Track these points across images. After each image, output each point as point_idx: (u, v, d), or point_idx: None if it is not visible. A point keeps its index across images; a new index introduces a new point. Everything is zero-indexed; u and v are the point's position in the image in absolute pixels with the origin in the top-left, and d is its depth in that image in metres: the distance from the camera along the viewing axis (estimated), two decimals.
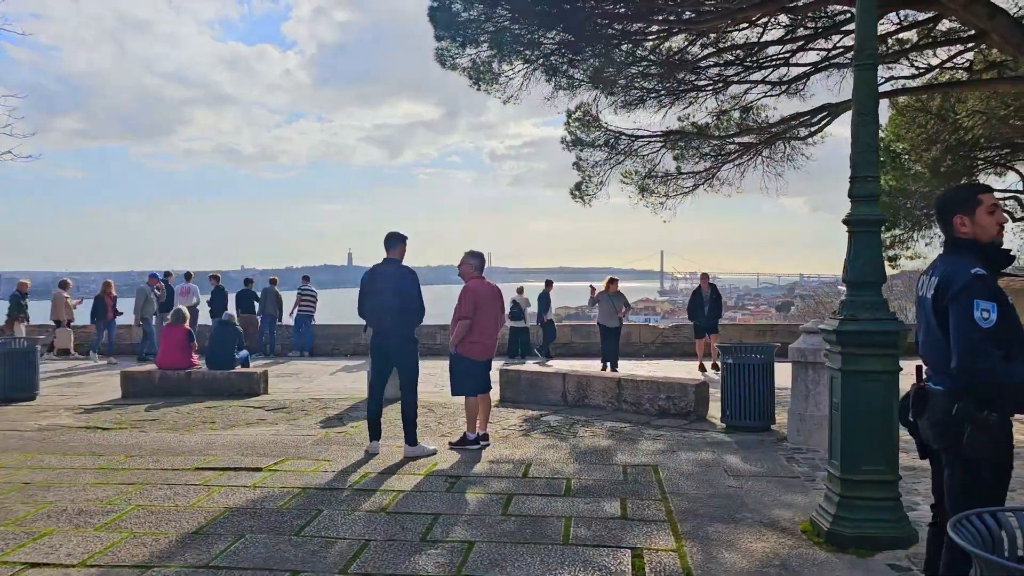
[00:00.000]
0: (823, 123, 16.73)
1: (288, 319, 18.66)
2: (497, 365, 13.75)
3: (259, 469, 6.51)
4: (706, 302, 15.08)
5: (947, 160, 21.47)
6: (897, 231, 28.69)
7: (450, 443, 7.44)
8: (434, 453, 7.10)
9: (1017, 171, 26.14)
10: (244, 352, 12.43)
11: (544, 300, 18.50)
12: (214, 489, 5.84)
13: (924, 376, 3.37)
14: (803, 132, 17.45)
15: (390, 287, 6.99)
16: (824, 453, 6.91)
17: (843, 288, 5.02)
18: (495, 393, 10.37)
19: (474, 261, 7.42)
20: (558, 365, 15.53)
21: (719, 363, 12.75)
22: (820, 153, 18.02)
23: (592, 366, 15.40)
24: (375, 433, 7.21)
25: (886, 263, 25.03)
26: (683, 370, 14.24)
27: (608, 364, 14.29)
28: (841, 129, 16.95)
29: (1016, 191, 27.09)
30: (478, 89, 16.17)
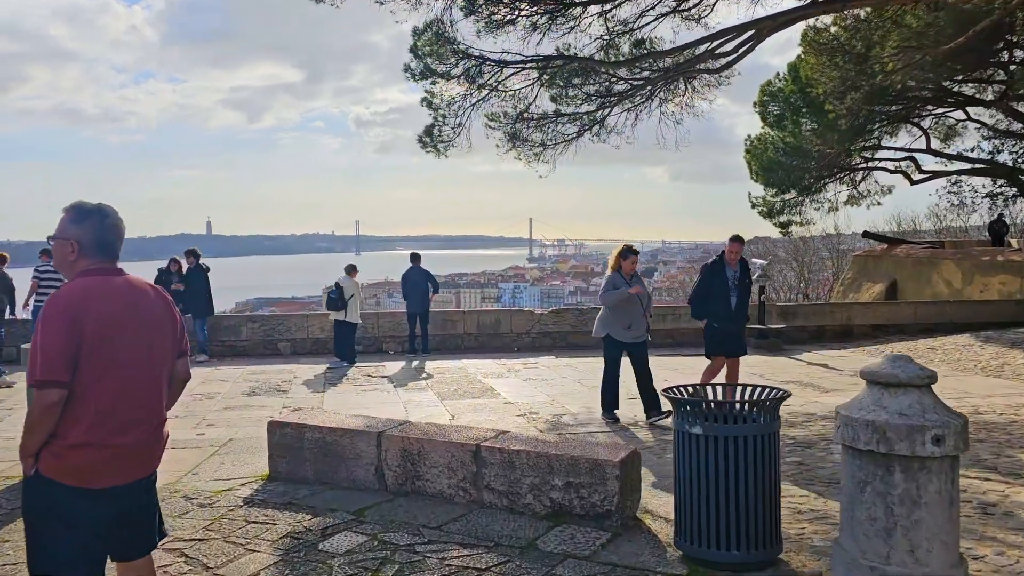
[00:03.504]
0: (744, 51, 13.02)
1: (23, 312, 13.36)
2: (306, 377, 7.50)
3: None
4: (733, 288, 8.07)
5: (864, 110, 18.50)
6: (791, 195, 25.95)
7: None
8: None
9: (920, 127, 23.80)
10: None
11: (419, 280, 14.06)
12: None
13: None
14: (714, 64, 13.73)
15: None
16: None
17: None
18: (260, 463, 5.93)
19: (78, 228, 2.76)
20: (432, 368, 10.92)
21: (667, 424, 7.58)
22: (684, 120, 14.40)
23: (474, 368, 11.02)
24: None
25: (777, 230, 20.95)
26: (579, 388, 10.13)
27: (609, 411, 8.01)
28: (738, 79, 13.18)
29: (914, 149, 24.79)
30: None
